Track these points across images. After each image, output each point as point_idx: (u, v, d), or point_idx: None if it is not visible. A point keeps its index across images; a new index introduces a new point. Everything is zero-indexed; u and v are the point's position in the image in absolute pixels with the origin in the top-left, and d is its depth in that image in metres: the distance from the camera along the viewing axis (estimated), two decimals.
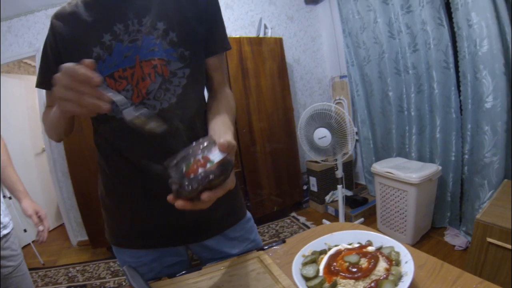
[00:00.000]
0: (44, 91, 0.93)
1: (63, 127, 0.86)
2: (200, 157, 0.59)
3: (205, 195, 0.58)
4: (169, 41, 0.82)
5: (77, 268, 2.91)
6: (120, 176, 0.93)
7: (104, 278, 2.68)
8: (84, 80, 0.56)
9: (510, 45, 2.05)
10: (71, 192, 3.18)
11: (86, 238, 3.21)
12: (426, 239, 2.72)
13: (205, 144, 0.61)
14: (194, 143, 0.63)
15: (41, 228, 1.44)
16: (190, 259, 1.11)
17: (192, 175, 0.58)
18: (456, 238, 2.58)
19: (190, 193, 0.58)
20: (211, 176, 0.57)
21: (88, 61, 0.57)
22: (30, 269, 1.45)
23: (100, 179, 1.01)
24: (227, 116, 0.89)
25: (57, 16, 0.86)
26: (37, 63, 3.23)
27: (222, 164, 0.59)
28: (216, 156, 0.59)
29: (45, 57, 0.88)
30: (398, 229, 2.71)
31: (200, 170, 0.57)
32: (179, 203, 0.59)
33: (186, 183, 0.58)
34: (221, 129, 0.79)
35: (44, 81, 0.88)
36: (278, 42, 3.44)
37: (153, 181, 0.87)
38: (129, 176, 0.91)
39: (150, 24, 0.80)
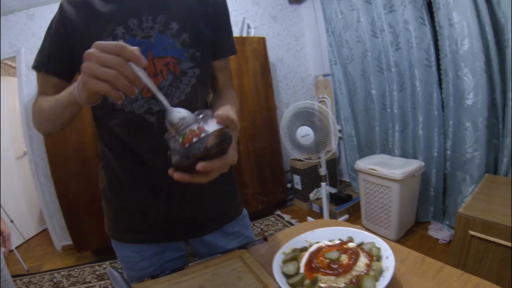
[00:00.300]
0: (28, 91, 0.90)
1: (70, 114, 0.79)
2: (195, 127, 0.58)
3: (199, 165, 0.57)
4: (182, 41, 0.84)
5: (62, 273, 2.85)
6: (125, 170, 0.93)
7: (90, 282, 2.64)
8: (132, 58, 0.55)
9: (490, 44, 2.10)
10: (53, 196, 3.12)
11: (70, 242, 3.14)
12: (411, 234, 2.77)
13: (202, 115, 0.60)
14: (191, 115, 0.61)
15: (3, 249, 1.38)
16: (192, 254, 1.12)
17: (187, 145, 0.57)
18: (440, 232, 2.64)
19: (186, 163, 0.58)
20: (205, 145, 0.57)
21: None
22: (13, 276, 1.41)
23: (102, 173, 1.01)
24: (232, 106, 0.91)
25: (69, 1, 0.84)
26: (18, 60, 3.13)
27: (219, 135, 0.59)
28: (212, 127, 0.59)
29: (49, 39, 0.86)
30: (383, 224, 2.75)
31: (195, 139, 0.57)
32: (177, 175, 0.59)
33: (181, 152, 0.57)
34: (224, 108, 0.81)
35: (44, 63, 0.87)
36: (261, 41, 3.44)
37: (158, 176, 0.86)
38: (135, 170, 0.92)
39: (164, 23, 0.82)
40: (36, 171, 3.26)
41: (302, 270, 0.69)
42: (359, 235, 0.79)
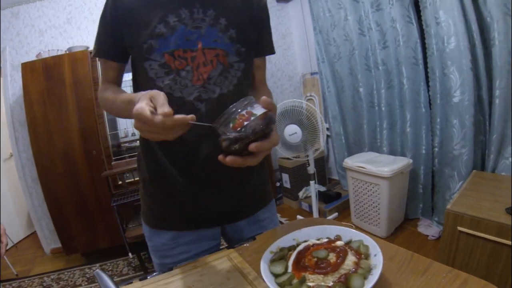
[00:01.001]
0: None
1: (129, 117, 0.85)
2: (244, 112, 0.63)
3: (252, 146, 0.62)
4: (229, 36, 0.89)
5: (52, 276, 2.80)
6: (170, 158, 0.96)
7: (80, 285, 2.60)
8: (160, 129, 0.62)
9: (476, 42, 2.12)
10: (41, 199, 3.06)
11: (59, 245, 3.09)
12: (400, 231, 2.79)
13: (247, 102, 0.66)
14: (236, 103, 0.67)
15: None
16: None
17: (238, 128, 0.62)
18: (429, 228, 2.67)
19: (238, 145, 0.63)
20: (256, 127, 0.62)
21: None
22: (3, 281, 1.39)
23: (143, 162, 1.04)
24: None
25: None
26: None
27: (265, 117, 0.64)
28: (258, 110, 0.64)
29: (102, 24, 0.91)
30: (372, 222, 2.77)
31: (246, 123, 0.62)
32: (230, 159, 0.65)
33: (234, 136, 0.62)
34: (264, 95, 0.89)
35: (102, 51, 0.94)
36: None
37: (201, 163, 0.93)
38: (180, 158, 0.95)
39: (214, 17, 0.87)
40: (23, 173, 3.20)
41: (290, 269, 0.69)
42: (347, 233, 0.80)
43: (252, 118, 0.62)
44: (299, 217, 3.36)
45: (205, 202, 0.99)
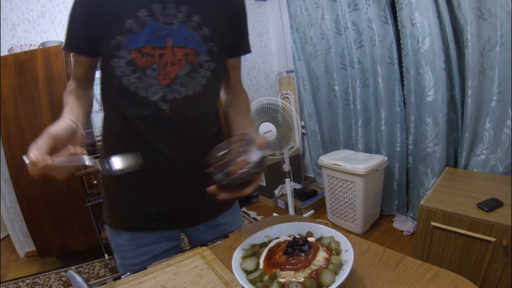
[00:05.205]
0: None
1: None
2: (242, 158, 0.69)
3: (248, 190, 0.73)
4: (202, 34, 0.85)
5: (27, 281, 2.70)
6: None
7: None
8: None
9: (450, 43, 2.19)
10: (14, 201, 2.94)
11: (33, 248, 2.98)
12: (376, 227, 2.85)
13: (245, 143, 0.71)
14: (234, 140, 0.74)
15: None
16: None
17: (237, 174, 0.69)
18: (404, 224, 2.73)
19: (235, 188, 0.72)
20: (252, 175, 0.69)
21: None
22: None
23: (104, 159, 0.99)
24: (249, 114, 1.03)
25: None
26: None
27: (260, 163, 0.70)
28: (255, 155, 0.70)
29: (74, 16, 0.85)
30: (348, 219, 2.82)
31: (242, 170, 0.68)
32: (224, 195, 0.73)
33: (230, 180, 0.70)
34: (250, 126, 0.94)
35: (72, 44, 0.89)
36: None
37: (163, 165, 0.91)
38: (144, 160, 0.91)
39: (187, 14, 0.82)
40: None
41: (261, 266, 0.69)
42: (318, 229, 0.81)
43: (249, 166, 0.68)
44: (275, 214, 3.33)
45: (163, 204, 0.98)
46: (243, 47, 1.03)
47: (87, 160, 0.63)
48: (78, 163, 0.62)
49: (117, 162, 0.70)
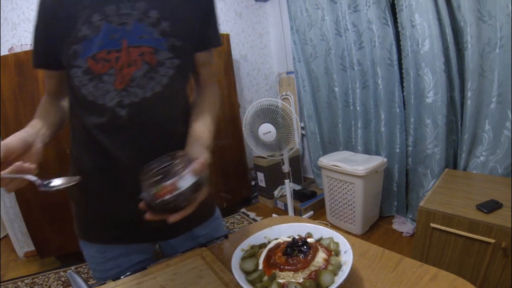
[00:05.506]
0: None
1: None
2: (172, 181, 0.60)
3: (172, 218, 0.63)
4: (161, 30, 0.79)
5: (26, 281, 2.69)
6: (93, 166, 0.88)
7: None
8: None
9: (450, 45, 2.19)
10: (13, 201, 2.94)
11: (32, 248, 2.98)
12: (376, 228, 2.85)
13: (183, 162, 0.63)
14: (177, 155, 0.66)
15: None
16: (158, 255, 1.09)
17: (161, 199, 0.60)
18: (403, 225, 2.73)
19: (159, 213, 0.63)
20: (181, 202, 0.62)
21: None
22: None
23: (72, 170, 0.95)
24: (210, 116, 0.92)
25: None
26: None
27: (192, 190, 0.62)
28: (186, 181, 0.61)
29: (36, 31, 0.82)
30: (348, 220, 2.81)
31: (168, 196, 0.60)
32: (148, 216, 0.65)
33: (155, 204, 0.61)
34: (204, 133, 0.85)
35: (38, 61, 0.86)
36: (225, 38, 3.40)
37: (126, 173, 0.85)
38: (103, 167, 0.87)
39: (143, 11, 0.77)
40: None
41: (260, 266, 0.70)
42: (317, 230, 0.81)
43: (176, 192, 0.60)
44: (274, 215, 3.34)
45: (129, 216, 0.89)
46: (211, 40, 0.94)
47: (31, 176, 0.60)
48: (21, 177, 0.60)
49: (56, 182, 0.66)
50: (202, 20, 0.88)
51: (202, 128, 0.86)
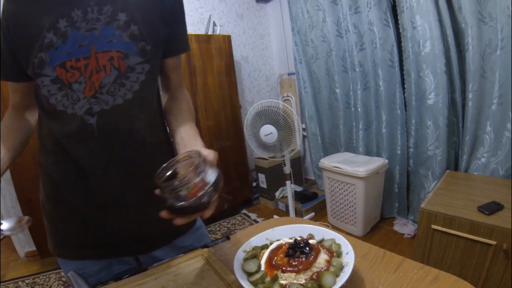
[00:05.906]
0: None
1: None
2: (199, 178, 0.61)
3: (207, 214, 0.64)
4: (130, 33, 0.75)
5: (27, 281, 2.69)
6: (64, 177, 0.86)
7: None
8: None
9: (451, 46, 2.19)
10: (15, 200, 2.94)
11: (34, 248, 2.97)
12: (377, 229, 2.85)
13: (195, 161, 0.63)
14: (181, 158, 0.67)
15: None
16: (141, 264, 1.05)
17: (196, 196, 0.61)
18: (404, 227, 2.73)
19: (194, 211, 0.64)
20: (211, 196, 0.62)
21: None
22: None
23: (42, 183, 0.93)
24: (192, 122, 0.91)
25: None
26: None
27: (217, 183, 0.63)
28: (210, 176, 0.63)
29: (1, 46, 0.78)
30: (349, 221, 2.81)
31: (200, 193, 0.61)
32: (178, 221, 0.63)
33: (188, 205, 0.61)
34: (196, 139, 0.82)
35: (2, 74, 0.81)
36: (227, 39, 3.41)
37: (98, 184, 0.83)
38: (74, 178, 0.84)
39: (110, 14, 0.74)
40: None
41: (263, 267, 0.70)
42: (319, 232, 0.81)
43: (206, 188, 0.61)
44: (275, 217, 3.34)
45: (107, 228, 0.88)
46: (181, 44, 0.91)
47: None
48: None
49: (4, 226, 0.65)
50: (171, 26, 0.85)
51: (191, 131, 0.86)
